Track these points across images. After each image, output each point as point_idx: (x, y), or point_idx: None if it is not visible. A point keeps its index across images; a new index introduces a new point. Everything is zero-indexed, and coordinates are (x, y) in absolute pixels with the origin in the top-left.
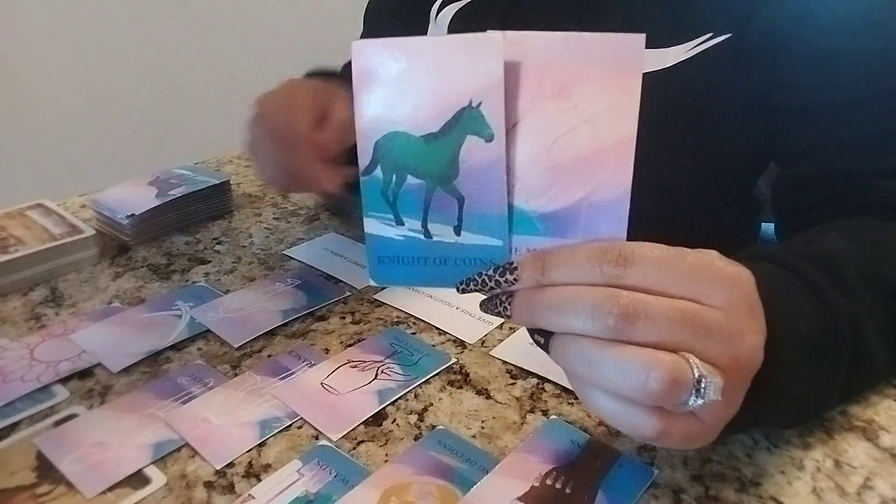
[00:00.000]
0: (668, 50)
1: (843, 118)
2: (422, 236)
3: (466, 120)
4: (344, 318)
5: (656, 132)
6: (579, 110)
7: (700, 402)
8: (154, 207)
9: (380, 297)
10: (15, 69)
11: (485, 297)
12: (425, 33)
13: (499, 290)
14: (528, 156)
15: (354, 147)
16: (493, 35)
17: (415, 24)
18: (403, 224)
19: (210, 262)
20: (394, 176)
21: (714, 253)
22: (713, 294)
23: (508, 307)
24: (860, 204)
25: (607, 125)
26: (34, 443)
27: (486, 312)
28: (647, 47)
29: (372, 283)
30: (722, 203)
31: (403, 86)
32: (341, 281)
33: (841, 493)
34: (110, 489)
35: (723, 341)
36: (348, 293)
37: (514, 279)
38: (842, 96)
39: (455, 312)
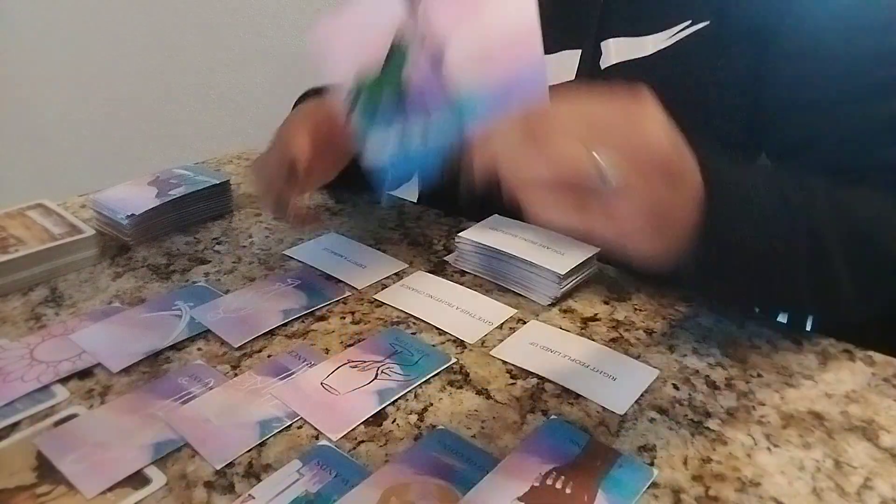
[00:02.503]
0: (648, 38)
1: (835, 113)
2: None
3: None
4: (344, 318)
5: None
6: (486, 21)
7: (607, 185)
8: (154, 207)
9: (380, 297)
10: (15, 69)
11: None
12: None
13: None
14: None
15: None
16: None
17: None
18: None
19: (210, 262)
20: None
21: None
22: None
23: None
24: None
25: (513, 24)
26: (34, 443)
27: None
28: (626, 35)
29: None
30: None
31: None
32: (341, 281)
33: (841, 493)
34: (110, 489)
35: (621, 130)
36: (348, 293)
37: None
38: (832, 92)
39: (455, 312)
